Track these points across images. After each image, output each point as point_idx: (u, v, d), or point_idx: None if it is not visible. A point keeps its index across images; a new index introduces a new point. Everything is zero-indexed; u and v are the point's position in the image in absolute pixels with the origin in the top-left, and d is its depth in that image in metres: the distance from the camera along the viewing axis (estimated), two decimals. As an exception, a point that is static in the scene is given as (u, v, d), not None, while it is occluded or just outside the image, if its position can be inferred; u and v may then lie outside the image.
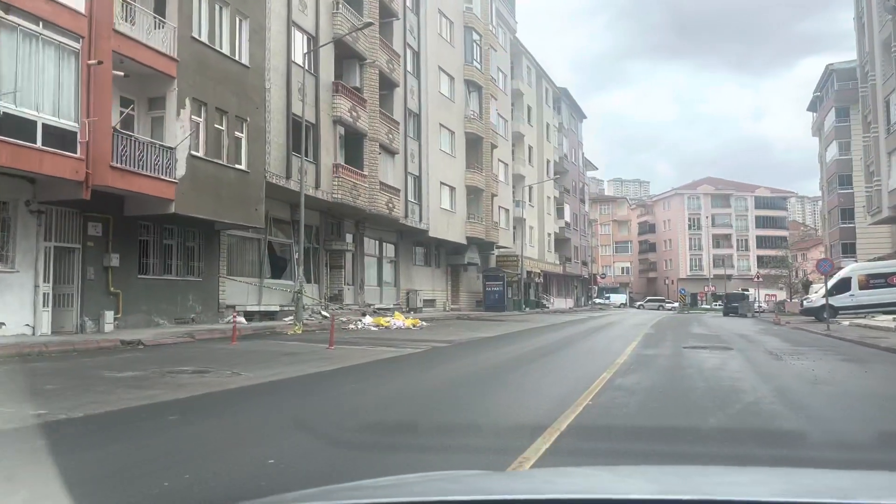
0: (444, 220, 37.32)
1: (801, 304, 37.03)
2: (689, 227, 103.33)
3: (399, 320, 24.84)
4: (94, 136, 14.55)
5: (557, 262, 61.80)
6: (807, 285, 54.40)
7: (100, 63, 14.56)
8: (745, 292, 52.67)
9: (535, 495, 1.70)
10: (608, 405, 7.74)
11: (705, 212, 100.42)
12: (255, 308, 22.77)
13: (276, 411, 7.45)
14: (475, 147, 41.45)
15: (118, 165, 15.18)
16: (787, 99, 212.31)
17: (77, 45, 14.46)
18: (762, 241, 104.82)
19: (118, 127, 15.59)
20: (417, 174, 34.44)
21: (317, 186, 24.26)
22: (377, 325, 23.60)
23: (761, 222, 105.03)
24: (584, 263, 72.31)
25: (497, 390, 9.50)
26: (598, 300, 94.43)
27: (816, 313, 31.15)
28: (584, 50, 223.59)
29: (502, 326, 27.05)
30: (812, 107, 61.97)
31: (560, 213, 63.35)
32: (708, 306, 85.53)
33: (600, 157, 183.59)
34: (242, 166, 20.08)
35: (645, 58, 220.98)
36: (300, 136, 22.84)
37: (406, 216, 32.40)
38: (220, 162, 19.10)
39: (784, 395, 8.78)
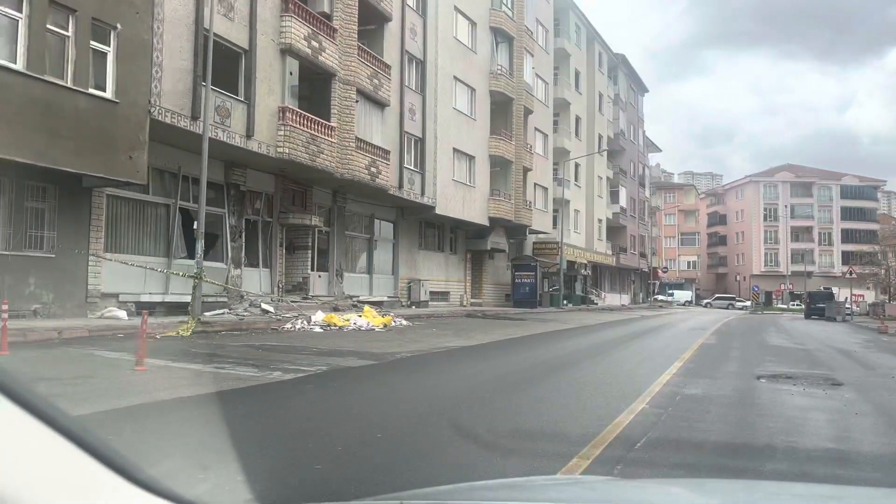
0: (459, 194, 30.67)
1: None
2: (765, 219, 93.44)
3: (366, 319, 18.49)
4: None
5: (610, 253, 54.28)
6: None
7: None
8: (831, 291, 44.24)
9: None
10: None
11: (783, 201, 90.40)
12: (159, 298, 16.70)
13: None
14: (503, 110, 34.58)
15: None
16: (876, 88, 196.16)
17: None
18: (848, 235, 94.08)
19: None
20: (420, 136, 27.87)
21: (248, 135, 17.97)
22: (328, 325, 17.37)
23: (848, 214, 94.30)
24: (643, 255, 64.38)
25: None
26: (660, 297, 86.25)
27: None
28: (660, 37, 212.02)
29: (514, 328, 20.40)
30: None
31: (614, 196, 55.75)
32: (784, 306, 76.35)
33: (672, 150, 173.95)
34: (107, 94, 13.94)
35: (723, 46, 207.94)
36: (222, 64, 16.66)
37: (400, 187, 25.90)
38: (60, 83, 12.99)
39: None
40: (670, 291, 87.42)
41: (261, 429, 5.67)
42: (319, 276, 23.26)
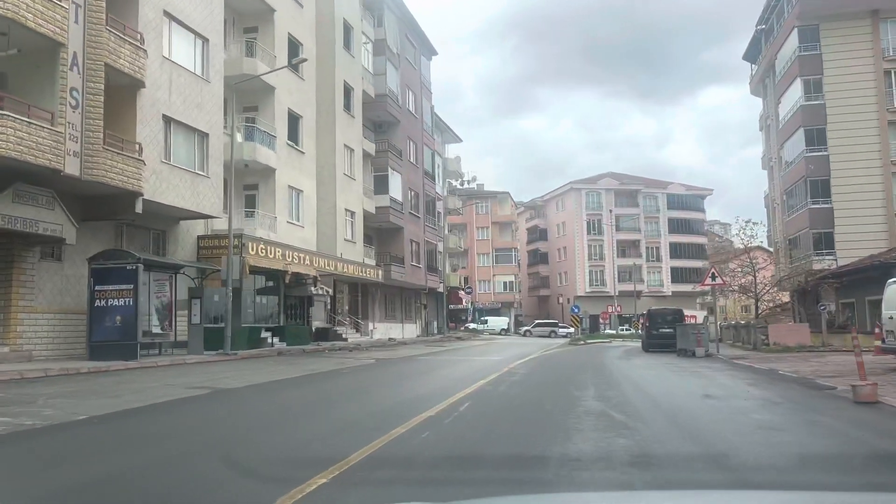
0: None
1: (884, 339, 13.99)
2: (589, 231, 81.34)
3: None
4: None
5: (373, 263, 37.12)
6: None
7: None
8: (679, 310, 29.73)
9: None
10: None
11: (608, 210, 78.60)
12: None
13: None
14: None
15: None
16: (690, 126, 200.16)
17: None
18: (677, 250, 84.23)
19: None
20: None
21: None
22: None
23: (675, 226, 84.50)
24: (433, 270, 47.93)
25: None
26: (472, 325, 70.90)
27: None
28: (499, 71, 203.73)
29: None
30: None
31: (381, 184, 38.86)
32: (613, 331, 63.28)
33: (510, 183, 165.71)
34: None
35: (555, 83, 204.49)
36: None
37: None
38: None
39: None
40: (484, 318, 72.37)
41: None
42: None
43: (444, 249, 54.32)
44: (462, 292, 59.79)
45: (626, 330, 67.66)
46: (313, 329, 31.86)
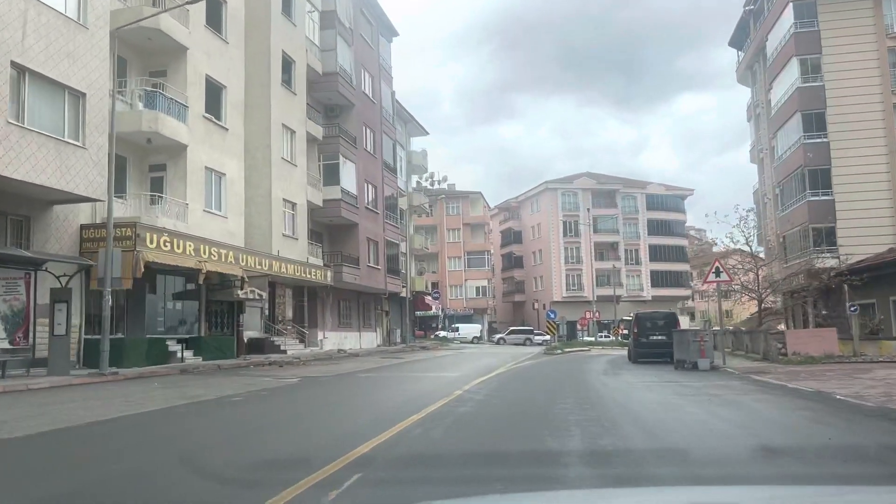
0: None
1: None
2: (565, 233, 77.25)
3: None
4: None
5: (320, 264, 32.41)
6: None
7: None
8: (673, 313, 25.40)
9: None
10: None
11: (585, 210, 74.56)
12: None
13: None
14: None
15: None
16: (666, 133, 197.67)
17: None
18: (656, 252, 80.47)
19: None
20: None
21: None
22: None
23: (655, 227, 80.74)
24: (395, 272, 43.26)
25: None
26: (442, 333, 66.42)
27: None
28: (476, 79, 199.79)
29: None
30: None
31: (331, 174, 34.21)
32: (591, 338, 59.21)
33: (487, 189, 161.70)
34: None
35: (531, 90, 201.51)
36: None
37: None
38: None
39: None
40: (455, 326, 67.78)
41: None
42: None
43: (409, 250, 49.71)
44: (429, 297, 55.11)
45: (606, 337, 63.51)
46: (245, 340, 27.18)
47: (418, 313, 58.75)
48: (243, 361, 23.74)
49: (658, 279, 79.83)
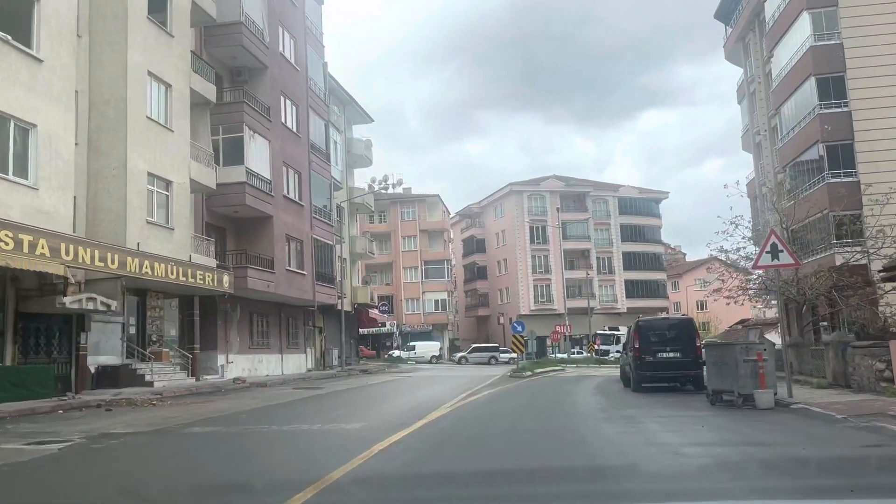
0: None
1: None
2: (532, 240, 70.34)
3: None
4: None
5: (212, 265, 24.65)
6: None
7: None
8: (689, 318, 18.38)
9: None
10: None
11: (553, 214, 67.70)
12: None
13: None
14: None
15: None
16: (629, 149, 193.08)
17: None
18: (630, 261, 73.93)
19: None
20: None
21: None
22: None
23: (628, 233, 74.27)
24: (327, 280, 35.48)
25: None
26: (396, 352, 58.98)
27: None
28: (441, 96, 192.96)
29: None
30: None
31: (235, 150, 26.61)
32: (563, 354, 52.29)
33: (452, 205, 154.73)
34: None
35: (496, 107, 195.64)
36: None
37: None
38: None
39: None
40: (411, 344, 60.16)
41: None
42: None
43: (350, 255, 42.08)
44: (375, 311, 47.41)
45: (579, 353, 56.55)
46: (92, 370, 19.37)
47: (365, 331, 51.05)
48: (64, 401, 15.95)
49: (633, 289, 73.28)
